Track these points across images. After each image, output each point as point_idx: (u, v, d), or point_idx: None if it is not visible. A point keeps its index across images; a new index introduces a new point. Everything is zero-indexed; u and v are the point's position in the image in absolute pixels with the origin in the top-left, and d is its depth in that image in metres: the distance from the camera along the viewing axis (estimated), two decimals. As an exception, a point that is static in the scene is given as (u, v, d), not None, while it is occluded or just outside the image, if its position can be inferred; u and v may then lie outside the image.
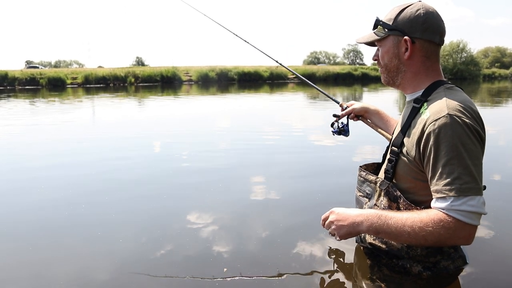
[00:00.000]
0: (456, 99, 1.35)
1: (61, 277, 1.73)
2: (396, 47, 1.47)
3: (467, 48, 44.78)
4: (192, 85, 26.86)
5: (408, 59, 1.46)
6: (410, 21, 1.43)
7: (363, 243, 1.70)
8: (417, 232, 1.28)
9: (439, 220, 1.25)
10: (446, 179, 1.27)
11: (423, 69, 1.48)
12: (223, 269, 1.74)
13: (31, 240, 2.12)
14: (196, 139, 5.57)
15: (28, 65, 44.41)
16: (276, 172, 3.62)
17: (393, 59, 1.50)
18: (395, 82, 1.55)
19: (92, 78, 27.80)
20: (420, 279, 1.49)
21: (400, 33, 1.45)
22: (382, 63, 1.55)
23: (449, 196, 1.25)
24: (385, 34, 1.49)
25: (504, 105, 12.14)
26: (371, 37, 1.56)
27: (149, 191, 3.00)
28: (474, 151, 1.28)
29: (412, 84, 1.51)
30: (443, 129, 1.28)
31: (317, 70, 36.84)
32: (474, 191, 1.24)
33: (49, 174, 3.58)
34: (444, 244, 1.37)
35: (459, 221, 1.23)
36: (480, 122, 1.35)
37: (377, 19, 1.52)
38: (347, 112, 2.05)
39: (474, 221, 1.25)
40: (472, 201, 1.23)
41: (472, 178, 1.25)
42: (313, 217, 2.41)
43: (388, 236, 1.39)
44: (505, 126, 6.62)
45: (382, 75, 1.59)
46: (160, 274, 1.72)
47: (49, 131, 6.73)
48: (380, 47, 1.55)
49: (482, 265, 1.70)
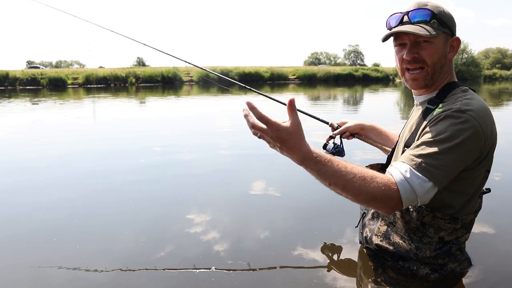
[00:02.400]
0: (471, 101, 1.32)
1: (61, 276, 1.72)
2: (445, 46, 1.41)
3: (468, 49, 44.67)
4: (193, 86, 26.86)
5: (450, 60, 1.44)
6: (451, 20, 1.40)
7: (368, 244, 1.67)
8: (357, 181, 1.19)
9: (385, 184, 1.20)
10: (417, 152, 1.26)
11: (451, 69, 1.47)
12: (221, 269, 1.73)
13: (31, 240, 2.11)
14: (197, 139, 5.55)
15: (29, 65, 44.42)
16: (276, 172, 3.60)
17: (442, 59, 1.41)
18: (435, 83, 1.45)
19: (93, 78, 27.79)
20: (426, 282, 1.48)
21: (450, 32, 1.40)
22: (429, 62, 1.39)
23: (407, 164, 1.23)
24: (438, 31, 1.36)
25: (506, 106, 12.12)
26: (421, 31, 1.34)
27: (149, 190, 2.99)
28: (463, 151, 1.26)
29: (435, 84, 1.46)
30: (446, 118, 1.28)
31: (317, 70, 36.82)
32: (432, 178, 1.21)
33: (49, 174, 3.57)
34: (365, 203, 1.27)
35: (398, 194, 1.20)
36: (490, 128, 1.32)
37: (433, 12, 1.37)
38: (341, 131, 1.99)
39: (406, 201, 1.22)
40: (423, 183, 1.21)
41: (441, 167, 1.22)
42: (314, 218, 2.40)
43: (325, 173, 1.19)
44: (507, 127, 6.62)
45: (419, 78, 1.42)
46: (159, 274, 1.71)
47: (50, 131, 6.72)
48: (427, 43, 1.38)
49: (486, 267, 1.69)
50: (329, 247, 1.96)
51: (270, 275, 1.70)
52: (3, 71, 27.05)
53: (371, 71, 39.56)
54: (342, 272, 1.72)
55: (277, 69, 35.42)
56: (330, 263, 1.81)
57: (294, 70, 36.32)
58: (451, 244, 1.47)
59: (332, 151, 2.03)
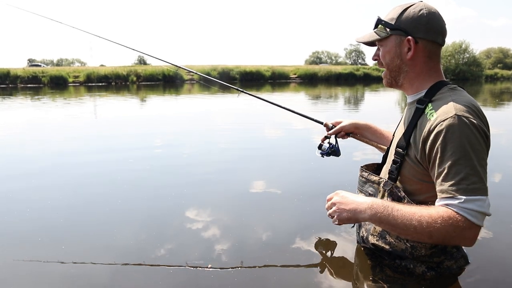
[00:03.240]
0: (461, 99, 1.34)
1: (60, 272, 1.73)
2: (398, 47, 1.46)
3: (469, 49, 44.65)
4: (193, 84, 26.86)
5: (410, 59, 1.45)
6: (413, 21, 1.42)
7: (364, 244, 1.68)
8: (424, 227, 1.24)
9: (448, 217, 1.22)
10: (453, 179, 1.25)
11: (426, 70, 1.47)
12: (219, 268, 1.74)
13: (31, 239, 2.12)
14: (197, 137, 5.56)
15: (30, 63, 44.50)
16: (276, 171, 3.61)
17: (395, 59, 1.48)
18: (397, 83, 1.54)
19: (94, 76, 27.81)
20: (423, 280, 1.49)
21: (403, 33, 1.44)
22: (383, 63, 1.53)
23: (456, 196, 1.23)
24: (386, 34, 1.47)
25: (507, 106, 12.10)
26: (372, 37, 1.53)
27: (149, 188, 3.00)
28: (481, 152, 1.27)
29: (414, 84, 1.50)
30: (451, 130, 1.27)
31: (319, 70, 36.80)
32: (481, 192, 1.23)
33: (48, 172, 3.58)
34: (447, 243, 1.32)
35: (468, 220, 1.21)
36: (486, 122, 1.34)
37: (378, 19, 1.50)
38: (336, 131, 2.01)
39: (480, 222, 1.23)
40: (479, 202, 1.22)
41: (479, 179, 1.24)
42: (312, 217, 2.40)
43: (391, 227, 1.33)
44: (508, 127, 6.60)
45: (384, 77, 1.58)
46: (158, 271, 1.72)
47: (50, 129, 6.73)
48: (381, 46, 1.53)
49: (483, 265, 1.69)
50: (327, 246, 1.97)
51: (268, 273, 1.71)
52: (4, 69, 27.09)
53: (372, 71, 39.47)
54: (340, 270, 1.72)
55: (278, 68, 35.38)
56: (328, 261, 1.82)
57: (295, 69, 36.31)
58: None
59: (327, 151, 2.04)
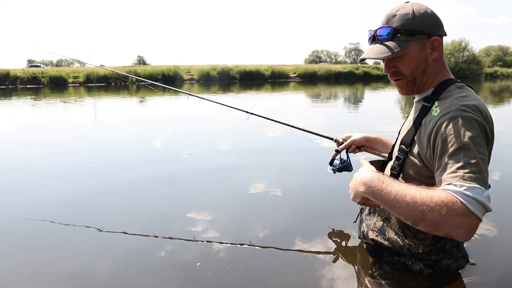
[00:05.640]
0: (468, 98, 1.34)
1: (61, 275, 1.74)
2: (422, 50, 1.41)
3: (469, 47, 44.58)
4: (193, 84, 26.83)
5: (434, 60, 1.43)
6: (429, 21, 1.39)
7: (365, 239, 1.69)
8: (417, 204, 1.17)
9: (445, 197, 1.15)
10: (451, 168, 1.21)
11: (442, 67, 1.47)
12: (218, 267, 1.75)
13: (32, 239, 2.13)
14: (197, 137, 5.57)
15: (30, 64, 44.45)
16: (276, 170, 3.62)
17: (421, 64, 1.42)
18: (421, 88, 1.47)
19: (93, 77, 27.77)
20: (421, 277, 1.50)
21: (425, 36, 1.39)
22: (406, 73, 1.44)
23: (453, 183, 1.18)
24: (408, 42, 1.39)
25: (507, 103, 12.10)
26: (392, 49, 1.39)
27: (149, 188, 3.01)
28: (482, 145, 1.25)
29: (428, 83, 1.47)
30: (453, 122, 1.27)
31: (318, 69, 36.73)
32: (480, 182, 1.17)
33: (49, 172, 3.59)
34: (440, 230, 1.18)
35: (464, 206, 1.13)
36: (490, 122, 1.33)
37: (395, 29, 1.39)
38: (346, 146, 1.99)
39: (478, 212, 1.14)
40: (477, 189, 1.15)
41: (479, 169, 1.19)
42: (314, 213, 2.42)
43: (384, 202, 1.27)
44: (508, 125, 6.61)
45: (403, 87, 1.48)
46: (158, 272, 1.73)
47: (51, 129, 6.73)
48: (401, 57, 1.42)
49: (484, 264, 1.69)
50: (329, 243, 1.98)
51: (269, 270, 1.72)
52: (4, 70, 27.04)
53: (371, 69, 39.47)
54: (340, 266, 1.74)
55: (278, 67, 35.31)
56: (329, 258, 1.83)
57: (295, 68, 36.24)
58: (446, 241, 1.48)
59: (339, 167, 2.01)
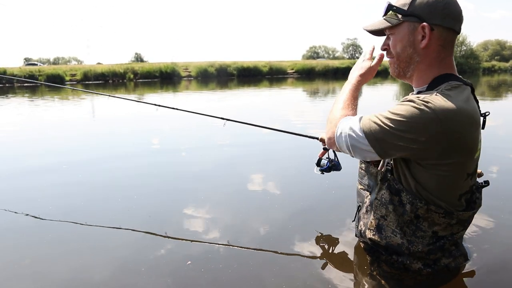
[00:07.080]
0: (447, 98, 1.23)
1: (61, 274, 1.74)
2: (411, 34, 1.36)
3: (466, 41, 44.57)
4: (191, 81, 26.76)
5: (424, 48, 1.36)
6: (429, 6, 1.32)
7: (363, 238, 1.68)
8: (337, 109, 1.56)
9: (339, 119, 1.49)
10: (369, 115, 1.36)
11: (437, 60, 1.38)
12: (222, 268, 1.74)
13: (32, 239, 2.13)
14: (195, 134, 5.55)
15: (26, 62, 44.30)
16: (275, 168, 3.61)
17: (407, 48, 1.39)
18: (406, 74, 1.45)
19: (91, 74, 27.67)
20: (419, 275, 1.49)
21: (417, 19, 1.34)
22: (393, 53, 1.44)
23: (353, 117, 1.42)
24: (398, 21, 1.38)
25: (504, 98, 12.10)
26: (382, 24, 1.43)
27: (147, 186, 3.01)
28: (405, 128, 1.24)
29: (423, 76, 1.41)
30: (409, 102, 1.27)
31: (316, 64, 36.67)
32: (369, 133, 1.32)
33: (48, 172, 3.58)
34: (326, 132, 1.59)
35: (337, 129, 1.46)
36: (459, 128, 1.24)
37: (389, 4, 1.40)
38: None
39: (339, 140, 1.44)
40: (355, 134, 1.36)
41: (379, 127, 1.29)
42: (312, 213, 2.41)
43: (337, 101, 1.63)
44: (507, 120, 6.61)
45: (391, 66, 1.49)
46: (157, 270, 1.72)
47: (49, 127, 6.71)
48: (391, 35, 1.43)
49: (484, 262, 1.68)
50: (327, 241, 1.98)
51: (265, 269, 1.72)
52: (1, 68, 26.92)
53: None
54: (339, 265, 1.73)
55: (276, 63, 35.25)
56: (327, 257, 1.83)
57: (293, 64, 36.18)
58: (445, 240, 1.46)
59: (327, 166, 1.94)
